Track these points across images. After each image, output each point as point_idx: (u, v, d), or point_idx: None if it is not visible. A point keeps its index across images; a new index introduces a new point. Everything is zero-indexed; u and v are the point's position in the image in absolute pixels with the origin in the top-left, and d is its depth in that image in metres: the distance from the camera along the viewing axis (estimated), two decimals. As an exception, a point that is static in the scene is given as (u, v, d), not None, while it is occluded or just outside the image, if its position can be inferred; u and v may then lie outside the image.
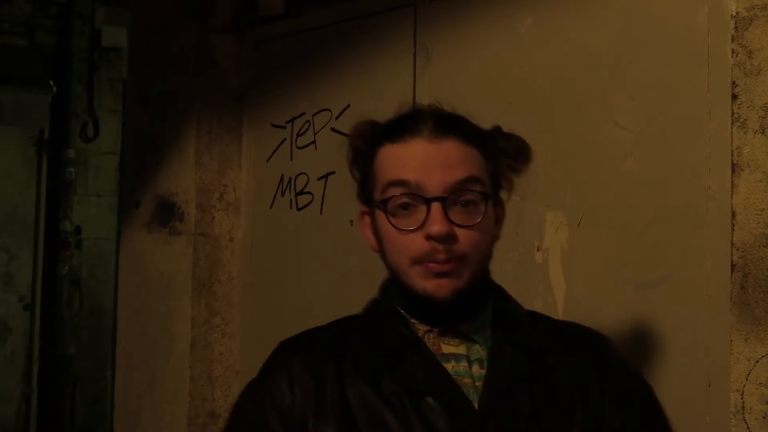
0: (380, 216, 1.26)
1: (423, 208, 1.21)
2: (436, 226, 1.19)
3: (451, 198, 1.21)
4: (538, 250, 1.96)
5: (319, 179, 2.50)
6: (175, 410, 2.71)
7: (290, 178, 2.60)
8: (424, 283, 1.23)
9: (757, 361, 1.61)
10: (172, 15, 2.82)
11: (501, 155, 1.29)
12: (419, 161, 1.22)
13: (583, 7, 1.92)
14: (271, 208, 2.66)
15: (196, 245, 2.70)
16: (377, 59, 2.37)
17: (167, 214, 2.78)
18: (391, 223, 1.24)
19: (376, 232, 1.29)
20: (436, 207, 1.20)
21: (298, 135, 2.58)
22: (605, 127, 1.86)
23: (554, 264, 1.94)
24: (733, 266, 1.65)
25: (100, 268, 6.20)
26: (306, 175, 2.55)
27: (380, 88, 2.34)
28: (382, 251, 1.30)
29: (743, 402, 1.63)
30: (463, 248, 1.22)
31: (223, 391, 2.72)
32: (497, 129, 1.33)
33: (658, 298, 1.76)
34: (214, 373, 2.71)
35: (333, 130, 2.47)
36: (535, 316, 1.40)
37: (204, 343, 2.70)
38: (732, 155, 1.67)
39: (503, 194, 1.32)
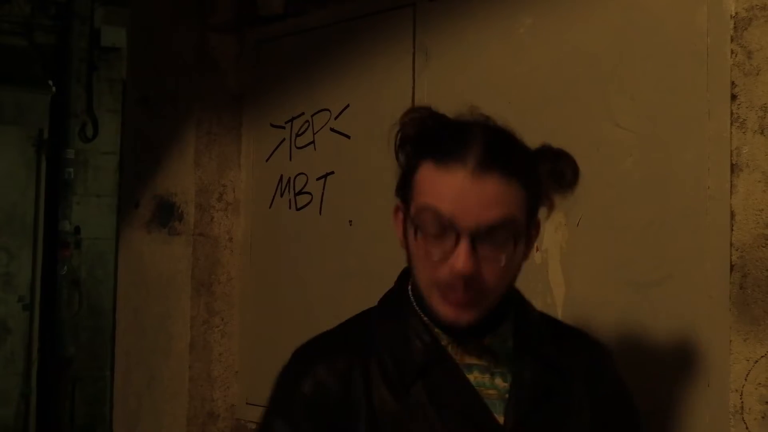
0: (410, 231, 1.25)
1: (452, 237, 1.19)
2: (461, 264, 1.18)
3: (482, 235, 1.19)
4: (537, 250, 1.96)
5: (318, 179, 2.50)
6: (174, 410, 2.70)
7: (289, 178, 2.60)
8: (445, 308, 1.24)
9: (756, 361, 1.61)
10: (172, 15, 2.82)
11: (544, 179, 1.27)
12: (456, 195, 1.19)
13: (583, 8, 1.92)
14: (270, 208, 2.66)
15: (196, 245, 2.70)
16: (376, 59, 2.37)
17: (166, 214, 2.78)
18: (419, 244, 1.23)
19: (406, 232, 1.28)
20: (464, 242, 1.18)
21: (297, 135, 2.58)
22: (605, 127, 1.86)
23: (554, 264, 1.94)
24: (732, 266, 1.65)
25: (100, 268, 6.20)
26: (305, 175, 2.55)
27: (379, 88, 2.34)
28: (407, 251, 1.30)
29: (742, 402, 1.63)
30: (486, 283, 1.22)
31: (222, 392, 2.72)
32: (546, 149, 1.31)
33: (657, 298, 1.76)
34: (213, 374, 2.71)
35: (332, 130, 2.47)
36: (547, 321, 1.43)
37: (203, 343, 2.70)
38: (731, 155, 1.66)
39: (542, 212, 1.30)
